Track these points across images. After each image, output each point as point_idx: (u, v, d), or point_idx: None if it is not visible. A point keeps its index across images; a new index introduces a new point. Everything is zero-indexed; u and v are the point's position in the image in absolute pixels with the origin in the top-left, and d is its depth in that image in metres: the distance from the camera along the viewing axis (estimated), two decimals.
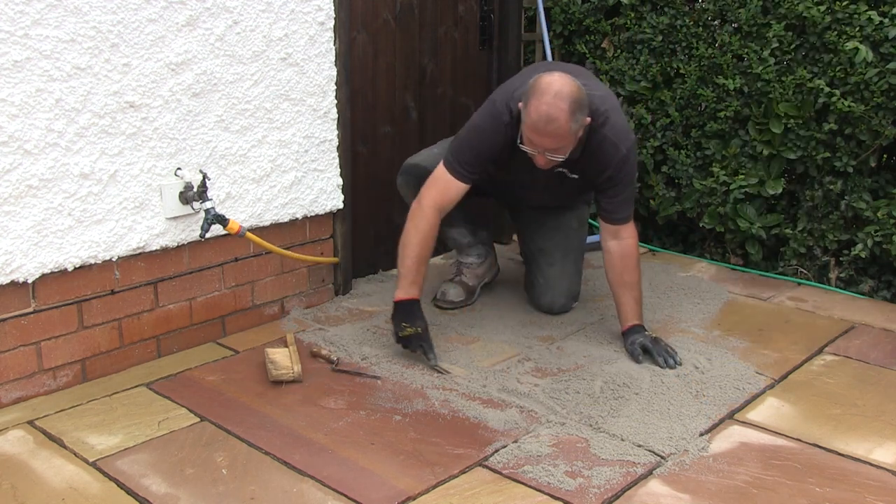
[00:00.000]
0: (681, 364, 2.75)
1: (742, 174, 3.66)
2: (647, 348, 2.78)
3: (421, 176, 3.08)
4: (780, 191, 3.60)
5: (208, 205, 2.71)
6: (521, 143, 2.64)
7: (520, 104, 2.62)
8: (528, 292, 3.32)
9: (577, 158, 2.77)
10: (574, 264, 3.25)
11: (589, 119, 2.62)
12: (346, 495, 2.07)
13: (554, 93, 2.49)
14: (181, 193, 2.72)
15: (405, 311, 2.76)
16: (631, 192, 2.89)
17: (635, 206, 4.04)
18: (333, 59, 3.12)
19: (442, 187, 2.81)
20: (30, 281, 2.46)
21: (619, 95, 3.97)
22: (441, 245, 3.86)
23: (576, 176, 2.87)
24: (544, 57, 4.04)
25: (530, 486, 2.12)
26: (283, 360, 2.66)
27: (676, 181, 3.90)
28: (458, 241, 3.35)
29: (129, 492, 2.07)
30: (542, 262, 3.23)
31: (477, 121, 2.82)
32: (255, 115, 2.91)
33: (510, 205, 3.43)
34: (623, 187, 2.83)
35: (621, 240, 2.87)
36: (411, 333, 2.72)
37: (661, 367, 2.72)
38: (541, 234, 3.24)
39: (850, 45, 3.27)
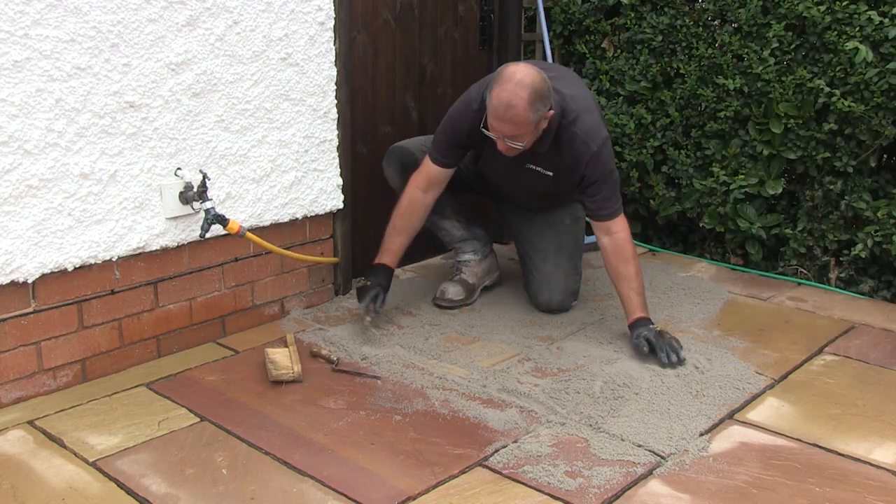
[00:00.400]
0: (684, 361, 2.75)
1: (742, 174, 3.66)
2: (651, 342, 2.76)
3: (402, 156, 3.22)
4: (780, 191, 3.60)
5: (208, 205, 2.71)
6: (483, 126, 2.76)
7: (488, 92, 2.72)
8: (527, 291, 3.33)
9: (547, 155, 2.87)
10: (568, 260, 3.24)
11: (552, 112, 2.71)
12: (346, 495, 2.07)
13: (515, 81, 2.59)
14: (181, 193, 2.72)
15: (371, 270, 3.03)
16: (611, 187, 2.91)
17: (636, 206, 4.07)
18: (333, 59, 3.12)
19: (423, 170, 3.01)
20: (30, 281, 2.46)
21: (618, 95, 3.98)
22: (443, 245, 3.86)
23: (550, 173, 2.95)
24: (544, 57, 4.04)
25: (530, 486, 2.12)
26: (283, 360, 2.66)
27: (676, 181, 3.90)
28: (451, 233, 3.37)
29: (129, 492, 2.07)
30: (535, 259, 3.25)
31: (453, 111, 2.97)
32: (255, 115, 2.91)
33: (501, 204, 3.45)
34: (601, 184, 2.88)
35: (612, 234, 2.90)
36: (362, 285, 2.98)
37: (663, 364, 2.72)
38: (532, 232, 3.27)
39: (850, 45, 3.27)
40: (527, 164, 2.94)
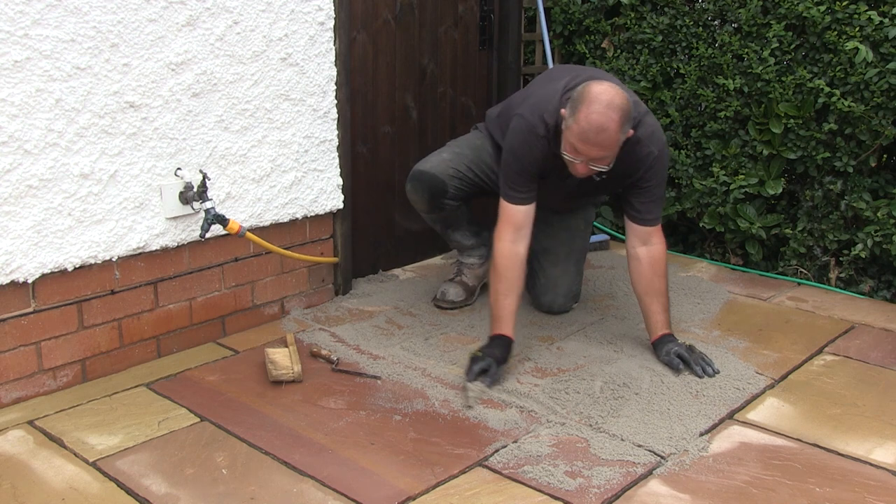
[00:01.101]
0: (718, 372, 2.72)
1: (742, 174, 3.66)
2: (685, 358, 2.73)
3: (430, 184, 3.10)
4: (780, 191, 3.60)
5: (208, 205, 2.71)
6: (563, 150, 2.56)
7: (562, 111, 2.56)
8: (528, 291, 3.32)
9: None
10: (576, 265, 3.25)
11: (632, 130, 2.58)
12: (346, 495, 2.07)
13: (606, 103, 2.44)
14: (181, 193, 2.72)
15: (488, 343, 2.72)
16: (661, 192, 2.82)
17: None
18: (333, 59, 3.12)
19: (506, 219, 2.77)
20: (30, 281, 2.46)
21: None
22: (444, 245, 3.87)
23: (603, 176, 2.76)
24: (544, 57, 4.05)
25: (530, 486, 2.12)
26: (283, 360, 2.66)
27: (676, 181, 3.90)
28: (461, 243, 3.35)
29: (129, 492, 2.07)
30: (545, 261, 3.23)
31: (514, 142, 2.76)
32: (255, 116, 2.91)
33: None
34: (656, 189, 2.77)
35: (651, 245, 2.80)
36: (474, 355, 2.67)
37: (699, 377, 2.69)
38: (547, 234, 3.23)
39: (850, 45, 3.27)
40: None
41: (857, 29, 3.28)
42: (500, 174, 2.82)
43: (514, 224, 2.76)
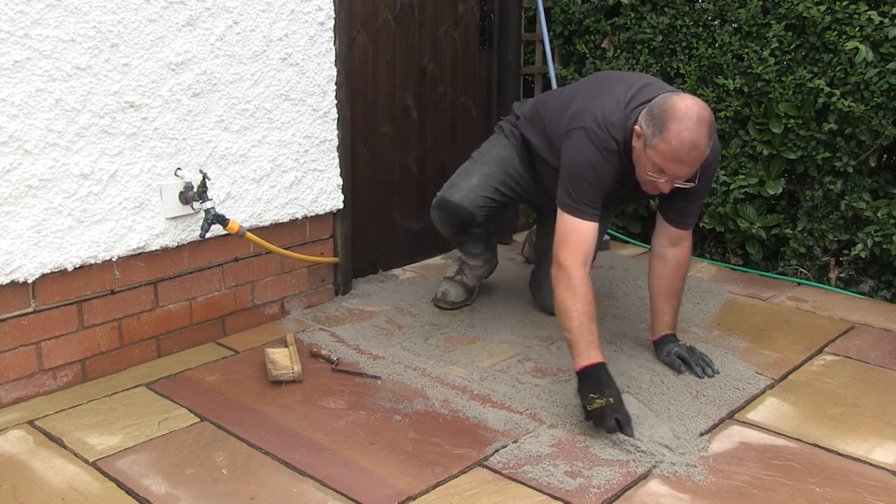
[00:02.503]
0: (718, 373, 2.71)
1: (742, 174, 3.66)
2: (685, 358, 2.73)
3: (458, 215, 3.05)
4: (780, 191, 3.60)
5: (208, 205, 2.71)
6: (647, 172, 2.43)
7: (636, 128, 2.44)
8: (532, 291, 3.32)
9: None
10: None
11: None
12: (346, 495, 2.07)
13: (695, 118, 2.31)
14: (181, 193, 2.72)
15: (590, 380, 2.37)
16: (703, 199, 2.77)
17: (635, 206, 4.07)
18: (333, 59, 3.12)
19: (577, 239, 2.51)
20: (30, 281, 2.46)
21: None
22: (444, 245, 3.87)
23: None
24: (544, 57, 4.05)
25: (530, 486, 2.12)
26: (283, 360, 2.66)
27: None
28: (470, 251, 3.31)
29: (129, 492, 2.07)
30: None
31: (589, 157, 2.54)
32: (255, 116, 2.91)
33: (544, 208, 3.24)
34: (701, 195, 2.70)
35: (680, 248, 2.75)
36: (601, 406, 2.31)
37: (699, 377, 2.68)
38: None
39: (850, 45, 3.27)
40: (633, 181, 2.65)
41: (857, 29, 3.28)
42: (566, 190, 2.57)
43: (585, 245, 2.51)
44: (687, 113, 2.33)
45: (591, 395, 2.33)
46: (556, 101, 2.89)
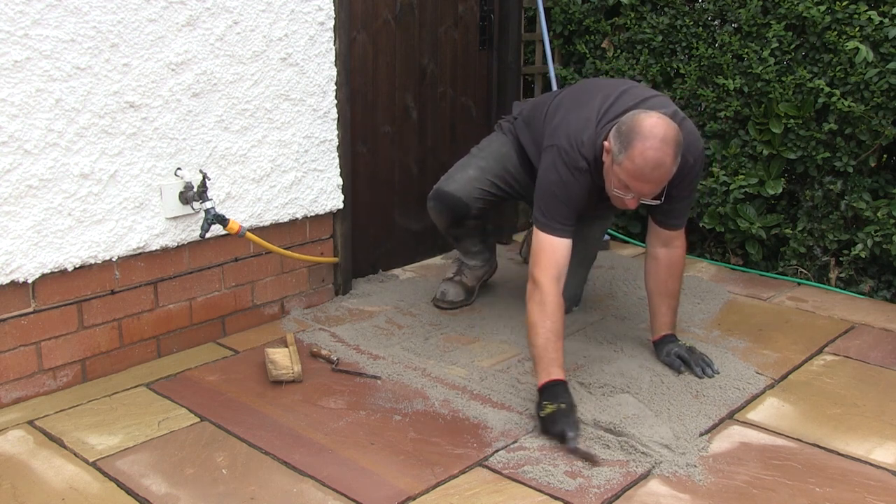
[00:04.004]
0: (718, 373, 2.71)
1: (742, 174, 3.66)
2: (685, 358, 2.73)
3: (454, 206, 3.06)
4: (780, 191, 3.60)
5: (208, 205, 2.71)
6: (612, 188, 2.44)
7: (605, 143, 2.45)
8: None
9: None
10: (585, 272, 3.25)
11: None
12: (346, 495, 2.07)
13: (661, 137, 2.32)
14: (181, 193, 2.72)
15: (547, 392, 2.40)
16: (692, 199, 2.77)
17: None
18: (333, 59, 3.12)
19: (549, 255, 2.55)
20: (30, 281, 2.46)
21: None
22: (444, 245, 3.87)
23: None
24: (544, 57, 4.04)
25: (530, 486, 2.12)
26: (283, 360, 2.66)
27: None
28: (468, 249, 3.32)
29: (129, 492, 2.07)
30: None
31: (557, 177, 2.57)
32: (255, 116, 2.91)
33: None
34: (688, 197, 2.71)
35: (672, 248, 2.76)
36: (553, 411, 2.34)
37: (699, 377, 2.67)
38: None
39: (850, 45, 3.27)
40: None
41: (857, 29, 3.28)
42: (539, 207, 2.61)
43: (558, 262, 2.54)
44: (652, 132, 2.33)
45: (544, 403, 2.37)
46: (547, 108, 2.88)
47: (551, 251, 2.55)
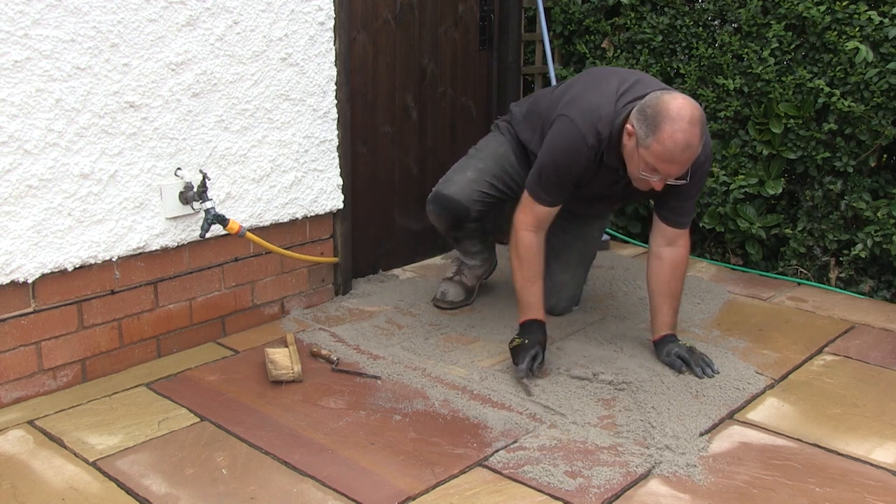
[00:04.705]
0: (718, 373, 2.70)
1: (742, 174, 3.66)
2: (685, 358, 2.73)
3: (453, 209, 3.06)
4: (780, 191, 3.60)
5: (208, 205, 2.71)
6: (640, 171, 2.48)
7: (628, 127, 2.48)
8: None
9: None
10: (584, 272, 3.25)
11: None
12: (346, 495, 2.07)
13: (688, 119, 2.35)
14: (181, 193, 2.72)
15: (521, 328, 2.73)
16: (697, 197, 2.79)
17: (635, 206, 4.07)
18: (333, 59, 3.12)
19: (533, 213, 2.73)
20: (30, 281, 2.46)
21: None
22: (444, 245, 3.87)
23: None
24: (544, 57, 4.04)
25: (530, 486, 2.12)
26: (283, 360, 2.66)
27: None
28: (468, 249, 3.32)
29: (129, 492, 2.07)
30: (554, 265, 3.14)
31: (557, 148, 2.65)
32: (255, 116, 2.91)
33: None
34: (696, 188, 2.70)
35: (676, 247, 2.77)
36: (518, 344, 2.66)
37: (699, 377, 2.67)
38: (561, 240, 3.15)
39: (850, 45, 3.27)
40: (624, 178, 2.70)
41: (857, 29, 3.28)
42: (535, 172, 2.71)
43: (538, 218, 2.73)
44: (680, 114, 2.36)
45: (514, 337, 2.71)
46: (552, 94, 2.90)
47: (536, 212, 2.73)
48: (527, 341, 2.66)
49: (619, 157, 2.60)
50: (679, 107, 2.37)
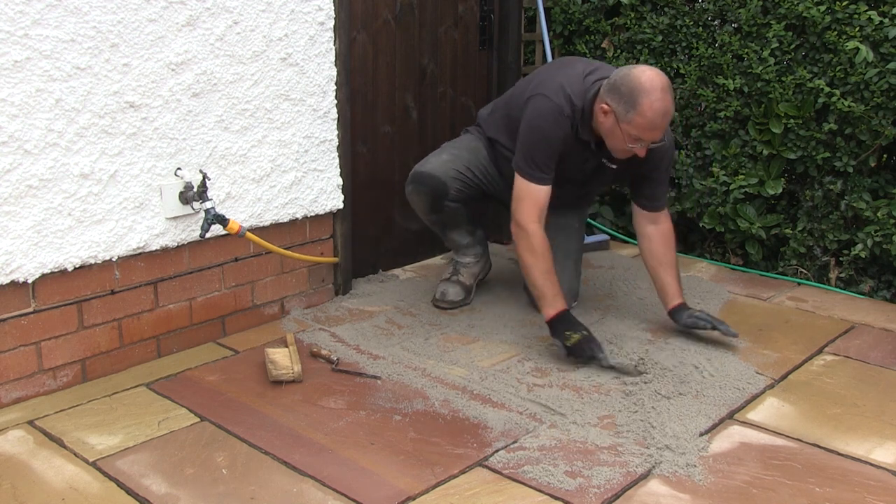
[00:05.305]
0: (737, 335, 2.88)
1: (742, 174, 3.66)
2: (707, 318, 2.89)
3: (432, 185, 3.13)
4: (780, 191, 3.60)
5: (208, 205, 2.71)
6: (627, 144, 2.66)
7: (604, 106, 2.65)
8: (526, 292, 3.32)
9: None
10: (574, 264, 3.25)
11: None
12: (346, 495, 2.07)
13: (661, 87, 2.57)
14: (181, 193, 2.72)
15: (562, 323, 2.74)
16: (669, 179, 3.01)
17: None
18: (333, 59, 3.12)
19: (532, 200, 2.80)
20: (30, 281, 2.46)
21: None
22: (444, 245, 3.87)
23: (614, 166, 2.91)
24: (544, 57, 4.04)
25: (530, 486, 2.12)
26: (283, 360, 2.66)
27: (676, 181, 3.90)
28: (458, 242, 3.36)
29: (129, 492, 2.07)
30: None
31: (539, 120, 2.80)
32: (255, 116, 2.91)
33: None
34: (666, 174, 2.96)
35: (659, 224, 2.98)
36: (578, 339, 2.70)
37: (725, 335, 2.86)
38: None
39: (850, 45, 3.27)
40: (601, 159, 2.89)
41: (857, 29, 3.28)
42: (521, 155, 2.83)
43: (539, 205, 2.79)
44: (653, 84, 2.57)
45: (567, 333, 2.70)
46: (514, 90, 3.10)
47: (534, 197, 2.80)
48: (585, 332, 2.71)
49: (590, 132, 2.79)
50: (650, 78, 2.58)
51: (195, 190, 2.71)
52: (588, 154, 2.88)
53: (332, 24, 3.08)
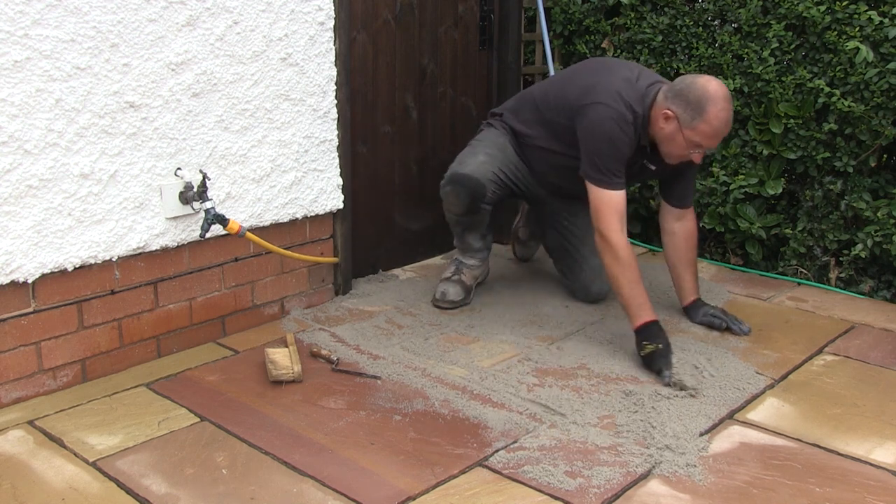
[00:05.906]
0: (749, 331, 3.01)
1: (742, 174, 3.66)
2: (722, 317, 3.03)
3: (471, 188, 3.11)
4: (779, 191, 3.60)
5: (208, 205, 2.71)
6: (687, 150, 2.74)
7: (667, 111, 2.71)
8: (571, 282, 3.33)
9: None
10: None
11: None
12: (346, 495, 2.07)
13: (724, 97, 2.66)
14: (181, 193, 2.72)
15: (644, 333, 2.75)
16: (695, 176, 3.14)
17: (636, 206, 4.07)
18: (333, 59, 3.12)
19: (614, 208, 2.81)
20: (30, 281, 2.46)
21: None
22: (444, 245, 3.87)
23: (653, 167, 2.97)
24: (544, 57, 4.04)
25: (530, 486, 2.12)
26: (283, 360, 2.66)
27: None
28: (471, 244, 3.35)
29: (129, 492, 2.07)
30: (585, 252, 3.29)
31: (607, 129, 2.80)
32: (255, 116, 2.91)
33: (543, 202, 3.38)
34: (694, 173, 3.08)
35: (685, 221, 3.08)
36: (651, 351, 2.70)
37: (738, 334, 2.99)
38: (581, 228, 3.29)
39: (850, 45, 3.27)
40: (644, 160, 2.95)
41: (857, 29, 3.28)
42: (590, 164, 2.83)
43: (620, 213, 2.81)
44: (718, 94, 2.66)
45: (644, 343, 2.71)
46: (547, 87, 3.11)
47: (612, 205, 2.81)
48: (661, 346, 2.70)
49: (648, 137, 2.84)
50: (716, 88, 2.67)
51: (195, 190, 2.71)
52: (639, 157, 2.91)
53: (332, 24, 3.08)
